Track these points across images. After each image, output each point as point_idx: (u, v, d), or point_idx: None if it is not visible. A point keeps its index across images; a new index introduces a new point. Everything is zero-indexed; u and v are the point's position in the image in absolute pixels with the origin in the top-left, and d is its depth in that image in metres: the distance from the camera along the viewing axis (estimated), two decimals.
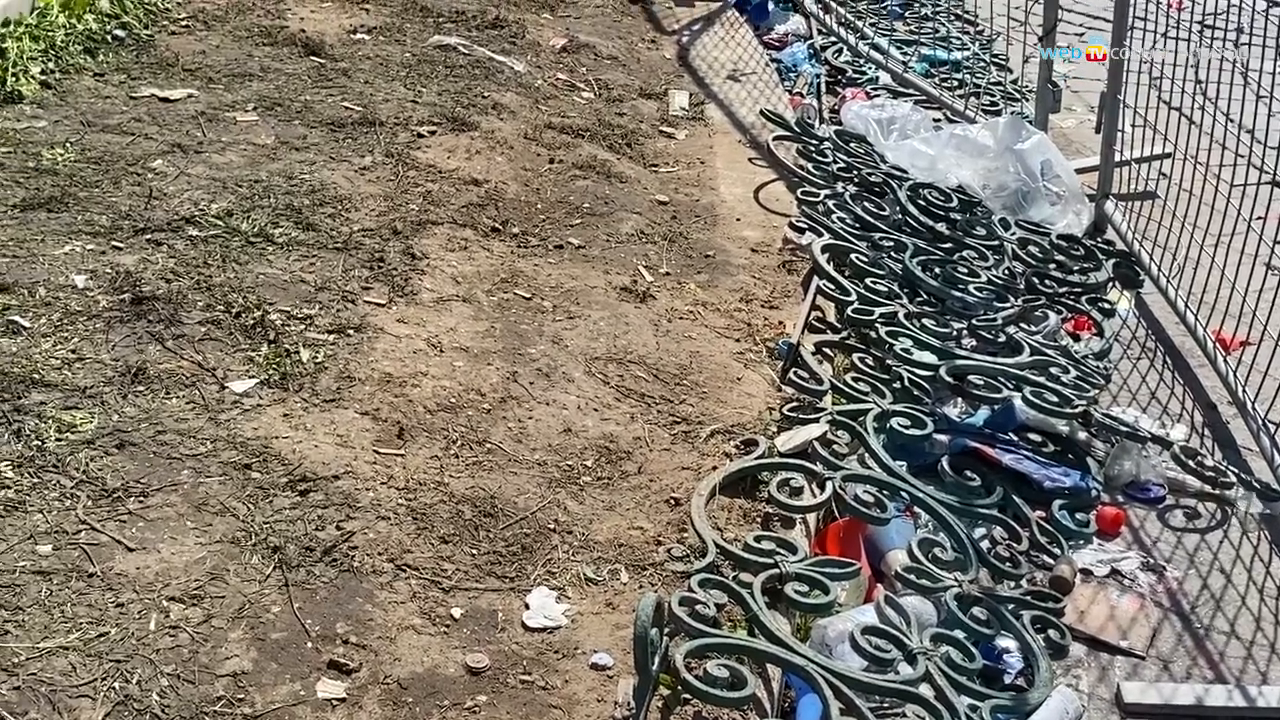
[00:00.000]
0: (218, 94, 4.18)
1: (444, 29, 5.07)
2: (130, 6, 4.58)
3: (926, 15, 6.11)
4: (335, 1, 5.16)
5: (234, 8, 4.88)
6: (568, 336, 3.23)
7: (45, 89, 3.97)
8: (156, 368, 2.78)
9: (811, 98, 5.15)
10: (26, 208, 3.31)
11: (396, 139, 4.07)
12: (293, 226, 3.44)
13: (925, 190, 4.21)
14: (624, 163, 4.30)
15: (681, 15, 5.84)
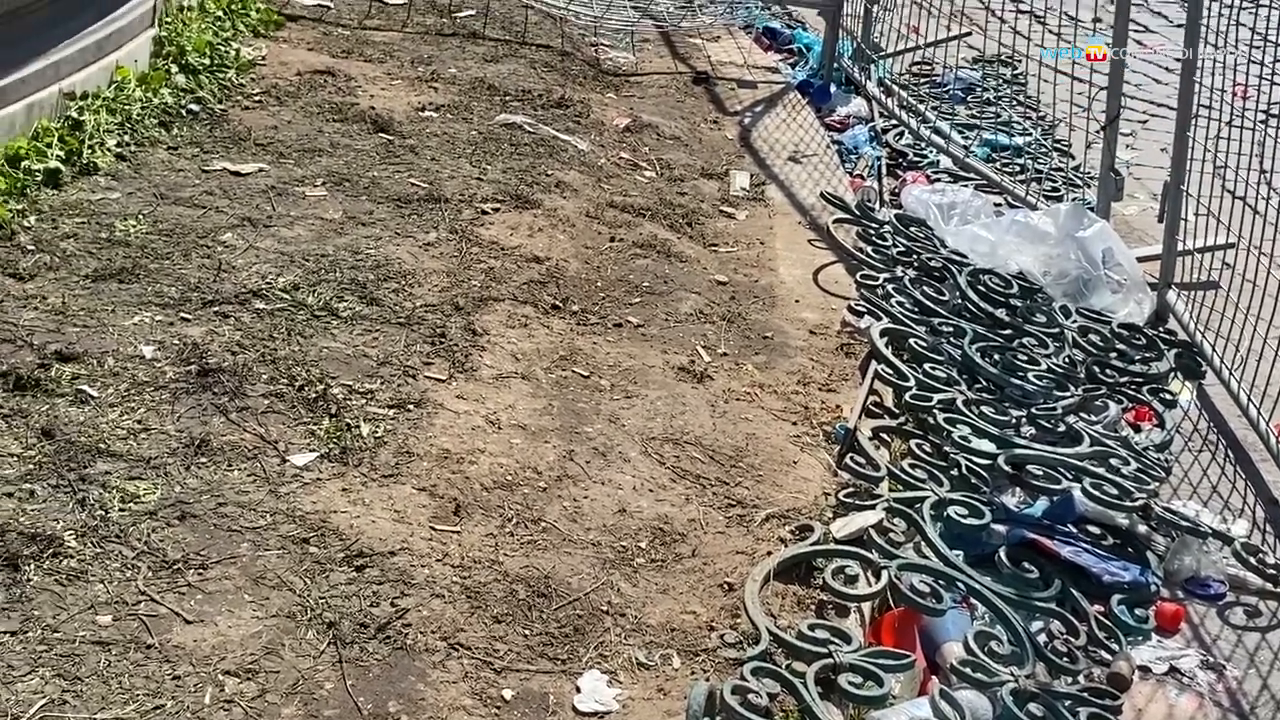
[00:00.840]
0: (288, 169, 4.26)
1: (510, 107, 5.15)
2: (205, 81, 4.69)
3: (988, 100, 6.13)
4: (405, 79, 5.25)
5: (306, 84, 4.99)
6: (625, 415, 3.25)
7: (120, 161, 4.07)
8: (220, 439, 2.82)
9: (872, 180, 5.18)
10: (98, 278, 3.39)
11: (461, 215, 4.13)
12: (357, 301, 3.49)
13: (985, 276, 4.20)
14: (684, 242, 4.34)
15: (744, 96, 5.90)
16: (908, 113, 5.81)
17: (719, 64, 6.26)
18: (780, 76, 6.20)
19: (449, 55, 5.65)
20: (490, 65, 5.61)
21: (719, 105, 5.77)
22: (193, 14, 4.94)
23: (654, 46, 6.43)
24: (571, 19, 6.40)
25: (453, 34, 5.97)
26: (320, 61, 5.27)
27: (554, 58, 5.87)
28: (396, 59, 5.49)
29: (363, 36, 5.71)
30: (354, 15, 6.01)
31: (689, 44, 6.50)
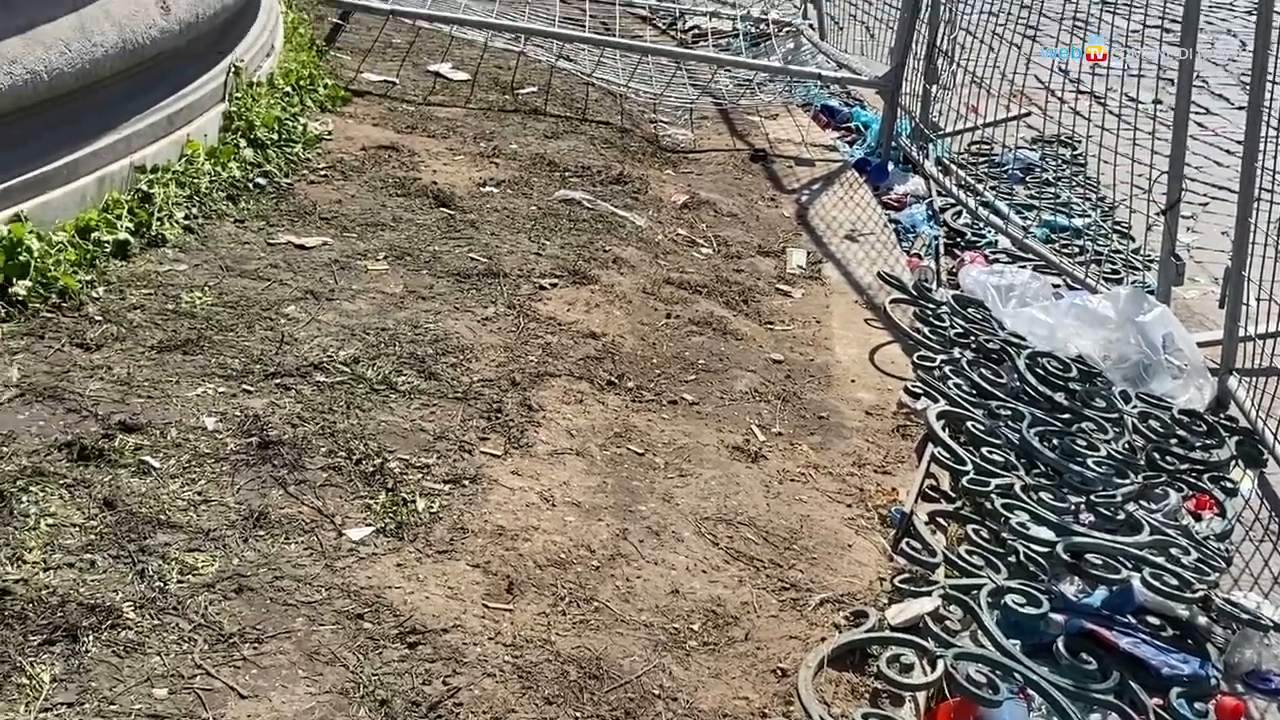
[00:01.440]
0: (351, 242, 4.32)
1: (569, 183, 5.20)
2: (273, 156, 4.78)
3: (1048, 180, 6.13)
4: (467, 155, 5.33)
5: (371, 159, 5.07)
6: (679, 494, 3.25)
7: (188, 234, 4.15)
8: (278, 512, 2.85)
9: (930, 260, 5.18)
10: (163, 349, 3.44)
11: (519, 290, 4.17)
12: (415, 375, 3.53)
13: (1044, 359, 4.18)
14: (740, 320, 4.35)
15: (801, 174, 5.93)
16: (966, 192, 5.82)
17: (777, 141, 6.31)
18: (838, 154, 6.24)
19: (510, 131, 5.73)
20: (551, 141, 5.68)
21: (776, 182, 5.81)
22: (262, 90, 5.04)
23: (712, 123, 6.50)
24: (631, 96, 6.49)
25: (515, 110, 6.05)
26: (385, 137, 5.36)
27: (613, 134, 5.94)
28: (459, 134, 5.58)
29: (427, 112, 5.81)
30: (419, 91, 6.12)
31: (747, 121, 6.56)
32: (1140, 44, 5.86)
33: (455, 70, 6.50)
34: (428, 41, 6.85)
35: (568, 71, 6.69)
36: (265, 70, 5.26)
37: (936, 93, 6.29)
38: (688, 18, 8.15)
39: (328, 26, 6.86)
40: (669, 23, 8.14)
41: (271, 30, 5.58)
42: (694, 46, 7.59)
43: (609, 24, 7.62)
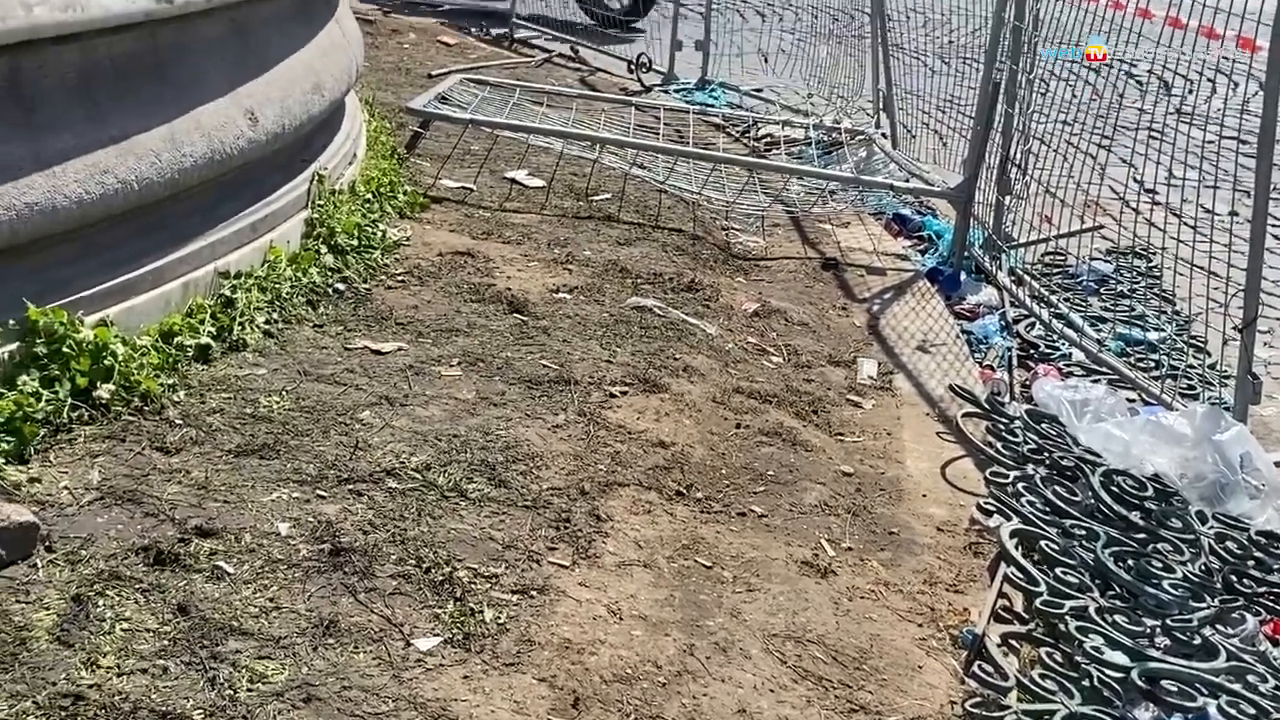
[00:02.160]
0: (426, 348, 4.38)
1: (641, 290, 5.25)
2: (352, 261, 4.87)
3: (1122, 292, 6.09)
4: (541, 261, 5.40)
5: (447, 265, 5.16)
6: (746, 610, 3.23)
7: (268, 338, 4.23)
8: (348, 620, 2.87)
9: (1003, 372, 5.15)
10: (240, 453, 3.50)
11: (589, 398, 4.20)
12: (486, 483, 3.56)
13: (1119, 477, 4.13)
14: (810, 430, 4.35)
15: (873, 283, 5.94)
16: (1039, 303, 5.80)
17: (848, 250, 6.33)
18: (910, 264, 6.25)
19: (584, 238, 5.81)
20: (623, 248, 5.75)
21: (848, 291, 5.82)
22: (344, 196, 5.16)
23: (784, 231, 6.54)
24: (704, 203, 6.55)
25: (589, 217, 6.14)
26: (461, 243, 5.45)
27: (685, 241, 6.00)
28: (534, 241, 5.66)
29: (502, 219, 5.91)
30: (495, 198, 6.23)
31: (819, 229, 6.60)
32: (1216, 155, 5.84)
33: (531, 177, 6.62)
34: (505, 148, 6.99)
35: (641, 178, 6.78)
36: (348, 177, 5.39)
37: (1010, 203, 6.30)
38: (761, 125, 8.24)
39: (409, 134, 7.03)
40: (742, 130, 8.24)
41: (355, 139, 5.73)
42: (767, 154, 7.67)
43: (683, 131, 7.73)
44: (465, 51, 10.06)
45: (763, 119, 8.40)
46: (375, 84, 7.94)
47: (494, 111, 7.22)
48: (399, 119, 7.17)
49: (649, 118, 7.84)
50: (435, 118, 6.90)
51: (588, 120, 7.62)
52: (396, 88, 8.14)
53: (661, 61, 9.91)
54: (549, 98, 7.90)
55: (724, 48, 10.09)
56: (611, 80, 9.63)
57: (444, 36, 10.46)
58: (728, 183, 6.80)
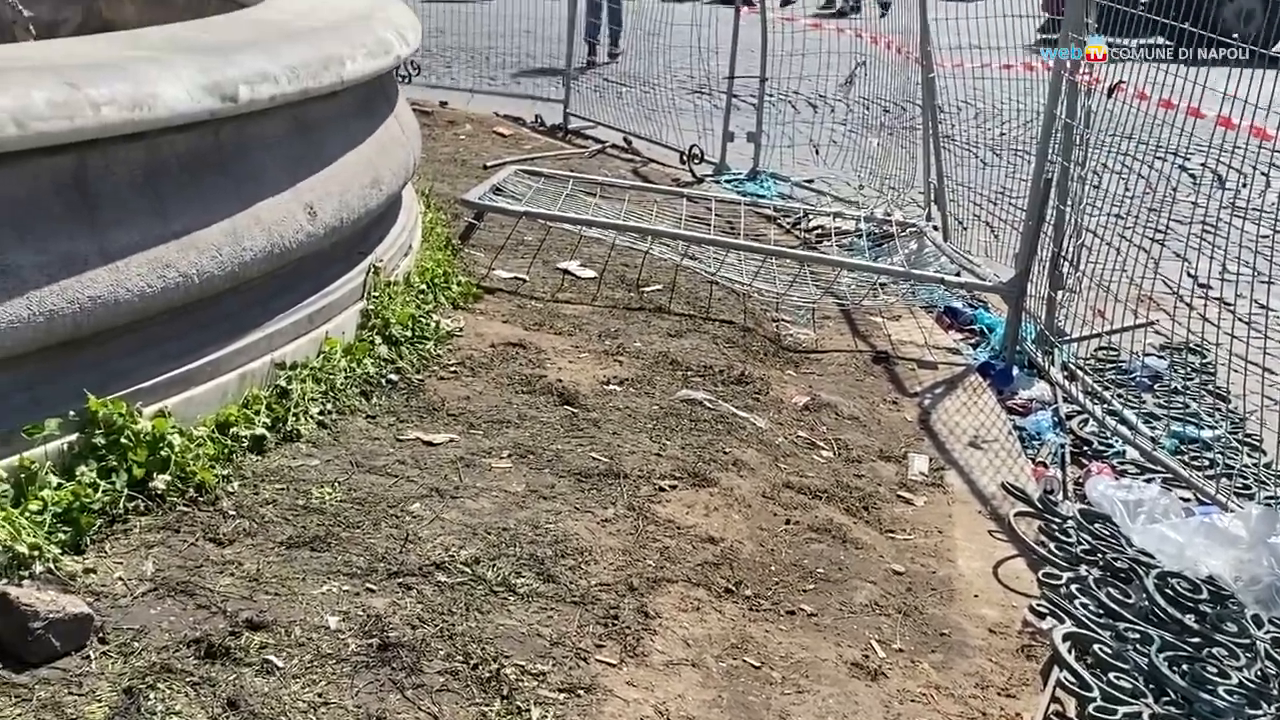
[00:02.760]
0: (477, 439, 4.41)
1: (691, 383, 5.27)
2: (406, 352, 4.93)
3: (1176, 389, 6.04)
4: (592, 353, 5.44)
5: (499, 356, 5.20)
6: (795, 713, 3.20)
7: (321, 429, 4.28)
8: (395, 717, 2.87)
9: (1055, 469, 5.11)
10: (292, 545, 3.53)
11: (639, 492, 4.20)
12: (534, 577, 3.56)
13: (1174, 579, 4.08)
14: (860, 527, 4.32)
15: (924, 377, 5.93)
16: (1092, 399, 5.76)
17: (899, 343, 6.33)
18: (961, 358, 6.23)
19: (635, 329, 5.85)
20: (674, 340, 5.78)
21: (899, 385, 5.81)
22: (399, 288, 5.23)
23: (834, 323, 6.55)
24: (754, 295, 6.59)
25: (640, 308, 6.18)
26: (513, 334, 5.50)
27: (736, 333, 6.02)
28: (585, 332, 5.70)
29: (554, 309, 5.97)
30: (547, 288, 6.29)
31: (870, 321, 6.60)
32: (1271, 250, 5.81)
33: (583, 268, 6.68)
34: (558, 239, 7.07)
35: (692, 269, 6.83)
36: (403, 269, 5.46)
37: (1062, 297, 6.28)
38: (812, 217, 8.29)
39: (463, 224, 7.13)
40: (793, 222, 8.29)
41: (410, 230, 5.82)
42: (817, 246, 7.71)
43: (734, 222, 7.78)
44: (520, 142, 10.21)
45: (814, 211, 8.45)
46: (432, 175, 8.08)
47: (548, 203, 7.32)
48: (454, 209, 7.28)
49: (701, 209, 7.91)
50: (490, 209, 7.00)
51: (640, 211, 7.70)
52: (452, 178, 8.27)
53: (713, 152, 10.01)
54: (602, 189, 8.00)
55: (775, 139, 10.19)
56: (664, 171, 9.73)
57: (499, 127, 10.63)
58: (779, 274, 6.83)
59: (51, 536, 3.29)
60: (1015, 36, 7.20)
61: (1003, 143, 9.83)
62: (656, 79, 11.68)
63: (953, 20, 7.81)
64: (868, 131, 9.82)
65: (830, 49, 10.21)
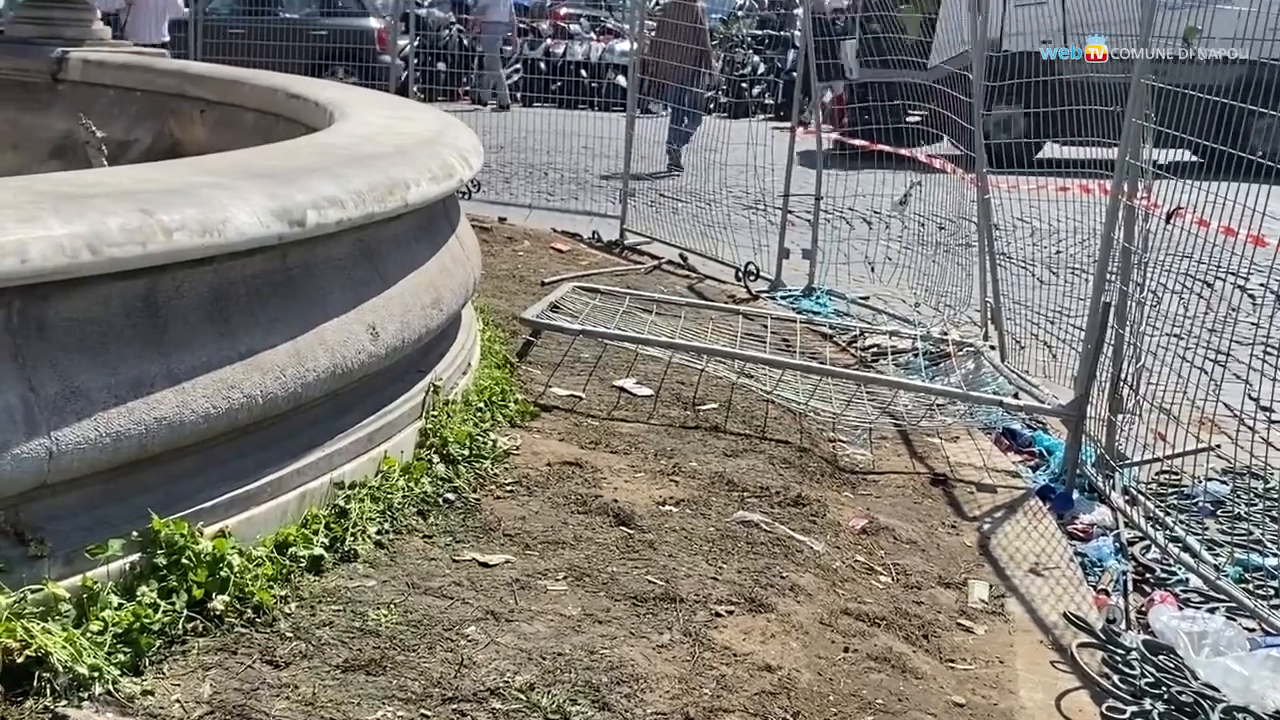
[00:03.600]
0: (532, 560, 4.41)
1: (748, 504, 5.25)
2: (463, 471, 4.96)
3: (1239, 514, 5.95)
4: (647, 473, 5.44)
5: (555, 475, 5.22)
6: None
7: (379, 549, 4.30)
8: None
9: (1118, 597, 5.02)
10: (348, 669, 3.53)
11: (695, 617, 4.17)
12: (589, 705, 3.53)
13: (1240, 714, 3.98)
14: (920, 656, 4.26)
15: (983, 501, 5.87)
16: (1154, 525, 5.68)
17: (958, 465, 6.28)
18: (1021, 481, 6.17)
19: (691, 449, 5.85)
20: (730, 460, 5.77)
21: (957, 508, 5.76)
22: (457, 406, 5.28)
23: (892, 444, 6.52)
24: (811, 415, 6.58)
25: (695, 427, 6.19)
26: (569, 452, 5.52)
27: (792, 453, 6.00)
28: (640, 451, 5.71)
29: (610, 428, 5.98)
30: (603, 406, 6.32)
31: (927, 443, 6.57)
32: None
33: (639, 385, 6.71)
34: (614, 356, 7.11)
35: (748, 388, 6.84)
36: (461, 387, 5.52)
37: (1122, 420, 6.23)
38: (868, 335, 8.30)
39: (521, 341, 7.19)
40: (849, 340, 8.30)
41: (469, 349, 5.88)
42: (874, 364, 7.71)
43: (790, 340, 7.81)
44: (577, 258, 10.33)
45: (870, 329, 8.46)
46: (490, 290, 8.17)
47: (605, 320, 7.38)
48: (512, 326, 7.35)
49: (756, 326, 7.95)
50: (547, 327, 7.07)
51: (696, 328, 7.75)
52: (511, 295, 8.37)
53: (769, 269, 10.08)
54: (658, 305, 8.06)
55: (831, 255, 10.25)
56: (720, 288, 9.80)
57: (557, 243, 10.77)
58: (835, 394, 6.83)
59: (111, 657, 3.31)
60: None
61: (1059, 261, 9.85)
62: (713, 194, 11.83)
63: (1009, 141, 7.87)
64: (923, 248, 9.85)
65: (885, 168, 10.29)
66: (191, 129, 7.65)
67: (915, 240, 10.25)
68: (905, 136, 9.98)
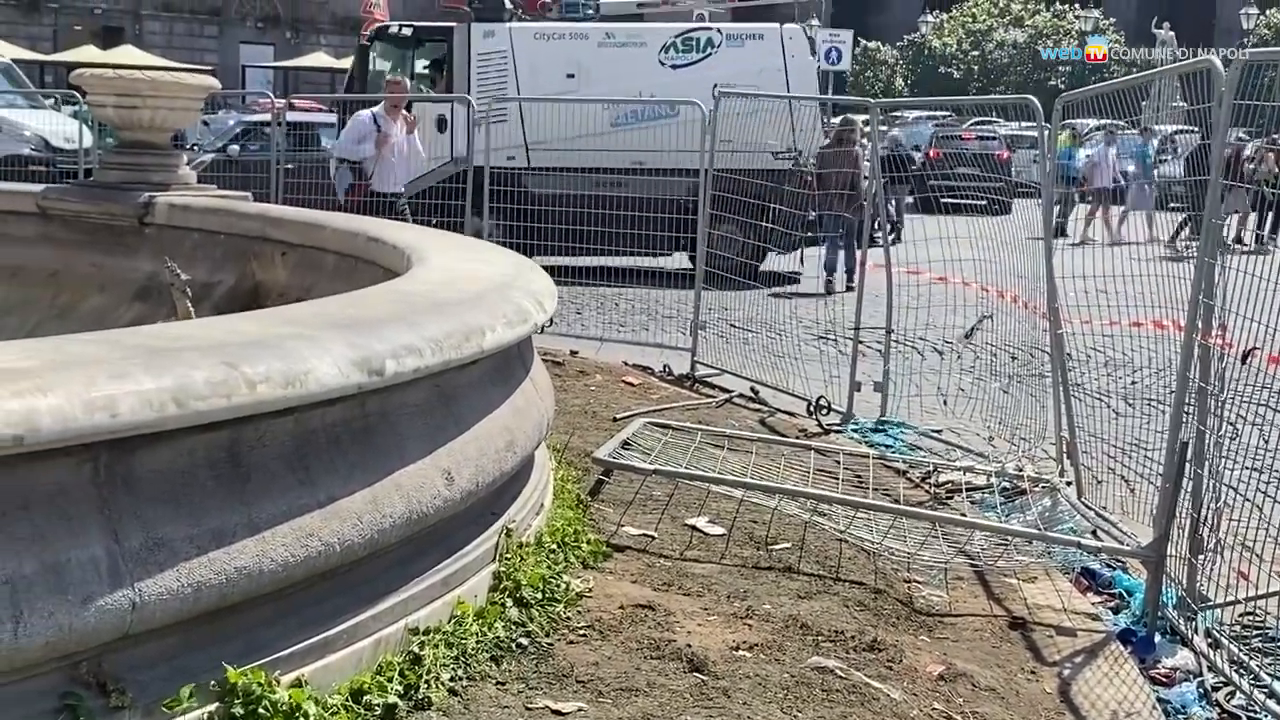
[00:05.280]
0: (605, 708, 4.38)
1: (823, 648, 5.19)
2: (536, 615, 4.96)
3: None
4: (720, 615, 5.40)
5: (628, 618, 5.20)
6: None
7: (452, 695, 4.29)
8: None
9: None
10: None
11: None
12: None
13: None
14: None
15: (1063, 645, 5.76)
16: (1238, 670, 5.53)
17: (1035, 607, 6.18)
18: (1100, 624, 6.05)
19: (764, 590, 5.81)
20: (804, 601, 5.72)
21: (1036, 653, 5.65)
22: (530, 548, 5.30)
23: (968, 584, 6.43)
24: (885, 554, 6.52)
25: (769, 567, 6.15)
26: (642, 595, 5.51)
27: (867, 595, 5.94)
28: (714, 592, 5.68)
29: (682, 569, 5.97)
30: (676, 546, 6.31)
31: (1004, 583, 6.47)
32: None
33: (711, 524, 6.70)
34: (686, 493, 7.11)
35: (821, 526, 6.80)
36: (534, 528, 5.54)
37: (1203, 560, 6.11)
38: (942, 471, 8.24)
39: (593, 479, 7.22)
40: (923, 475, 8.24)
41: (542, 489, 5.91)
42: (948, 501, 7.64)
43: (862, 476, 7.77)
44: (648, 392, 10.39)
45: (944, 464, 8.40)
46: (563, 427, 8.22)
47: (677, 456, 7.40)
48: (584, 463, 7.38)
49: (829, 462, 7.92)
50: (620, 467, 7.09)
51: (767, 464, 7.74)
52: (584, 431, 8.42)
53: (840, 401, 10.08)
54: (730, 441, 8.07)
55: (902, 387, 10.23)
56: (791, 422, 9.79)
57: (628, 376, 10.84)
58: (910, 533, 6.77)
59: None
60: (1145, 296, 7.20)
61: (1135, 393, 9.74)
62: (782, 325, 11.88)
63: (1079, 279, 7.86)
64: (995, 379, 9.81)
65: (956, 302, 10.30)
66: (273, 271, 7.84)
67: (987, 371, 10.21)
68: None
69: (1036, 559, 6.76)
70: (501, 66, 18.14)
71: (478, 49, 18.19)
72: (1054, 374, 8.39)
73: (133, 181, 8.71)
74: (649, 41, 18.67)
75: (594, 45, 18.44)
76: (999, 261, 9.21)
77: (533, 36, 18.47)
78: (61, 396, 3.21)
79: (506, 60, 18.14)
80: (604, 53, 18.28)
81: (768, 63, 18.10)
